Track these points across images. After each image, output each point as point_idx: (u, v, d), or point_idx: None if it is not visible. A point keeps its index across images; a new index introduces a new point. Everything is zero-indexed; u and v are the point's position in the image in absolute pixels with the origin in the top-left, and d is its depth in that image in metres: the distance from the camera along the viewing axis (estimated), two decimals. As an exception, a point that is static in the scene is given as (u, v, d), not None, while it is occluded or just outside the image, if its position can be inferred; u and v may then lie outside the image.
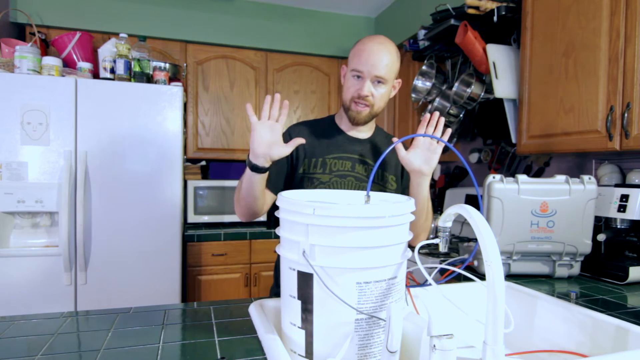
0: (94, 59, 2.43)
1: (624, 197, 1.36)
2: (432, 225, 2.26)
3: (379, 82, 1.12)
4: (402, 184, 1.28)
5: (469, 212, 0.63)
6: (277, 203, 0.80)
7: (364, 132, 1.26)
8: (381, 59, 1.10)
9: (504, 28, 1.82)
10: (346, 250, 0.68)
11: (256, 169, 1.03)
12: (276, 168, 1.17)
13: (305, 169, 1.19)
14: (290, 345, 0.76)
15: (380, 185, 1.23)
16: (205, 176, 2.93)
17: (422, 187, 1.14)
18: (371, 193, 0.96)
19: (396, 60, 1.14)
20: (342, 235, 0.68)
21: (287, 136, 1.19)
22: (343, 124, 1.25)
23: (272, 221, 2.77)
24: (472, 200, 2.25)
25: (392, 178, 1.26)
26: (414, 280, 1.13)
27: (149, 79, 2.28)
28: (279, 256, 1.31)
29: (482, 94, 1.97)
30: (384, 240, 0.69)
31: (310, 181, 1.18)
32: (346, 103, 1.18)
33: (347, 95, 1.17)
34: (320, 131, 1.23)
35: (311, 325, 0.71)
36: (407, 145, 1.18)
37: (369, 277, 0.69)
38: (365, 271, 0.68)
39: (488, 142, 2.34)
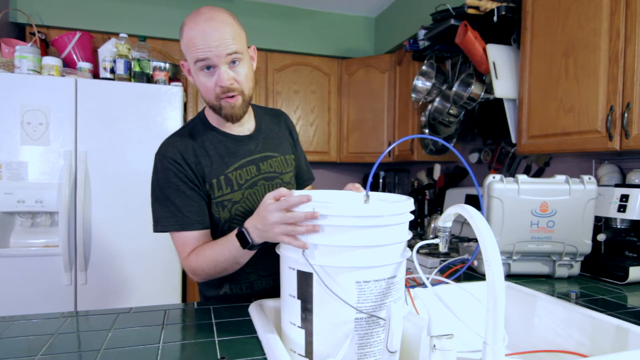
0: (94, 59, 2.43)
1: (624, 197, 1.36)
2: (432, 225, 2.26)
3: (233, 61, 0.93)
4: (296, 164, 1.19)
5: (469, 212, 0.63)
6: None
7: (248, 123, 1.09)
8: (222, 33, 0.90)
9: (504, 28, 1.82)
10: (346, 250, 0.68)
11: (256, 247, 0.87)
12: (198, 202, 0.99)
13: (211, 195, 1.00)
14: (290, 345, 0.76)
15: (289, 172, 1.13)
16: (205, 176, 2.93)
17: None
18: (370, 193, 0.96)
19: (238, 26, 0.96)
20: (341, 234, 0.68)
21: (180, 159, 0.98)
22: (221, 123, 1.05)
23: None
24: (472, 200, 2.25)
25: (292, 158, 1.16)
26: (414, 281, 1.13)
27: (149, 79, 2.28)
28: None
29: (482, 94, 1.97)
30: (384, 239, 0.69)
31: (221, 206, 1.01)
32: (212, 103, 0.97)
33: (208, 94, 0.96)
34: (206, 143, 1.02)
35: (311, 325, 0.71)
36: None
37: (368, 276, 0.69)
38: (365, 270, 0.68)
39: (488, 142, 2.34)
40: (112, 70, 2.22)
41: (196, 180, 0.99)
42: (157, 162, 1.00)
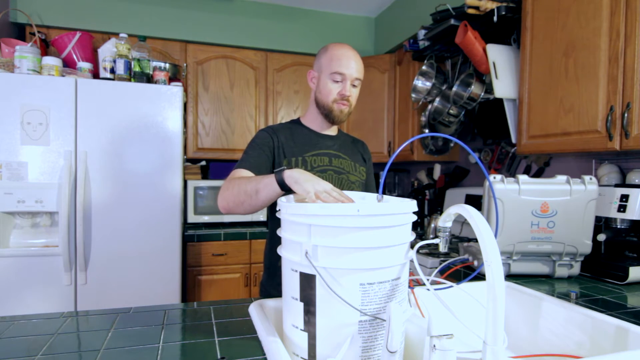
0: (94, 59, 2.43)
1: (624, 197, 1.36)
2: (432, 225, 2.26)
3: (354, 85, 1.27)
4: (367, 175, 1.41)
5: (469, 212, 0.63)
6: (279, 204, 0.79)
7: (332, 131, 1.38)
8: (358, 62, 1.26)
9: (504, 28, 1.82)
10: (349, 251, 0.68)
11: (288, 189, 1.00)
12: (262, 159, 1.25)
13: (287, 168, 1.24)
14: (293, 349, 0.75)
15: (356, 176, 1.34)
16: (205, 176, 2.93)
17: None
18: (367, 194, 0.96)
19: (363, 65, 1.30)
20: (345, 235, 0.68)
21: (272, 132, 1.29)
22: (314, 125, 1.35)
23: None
24: (472, 200, 2.25)
25: (363, 169, 1.38)
26: (415, 281, 1.13)
27: (149, 79, 2.28)
28: (267, 246, 1.34)
29: (482, 94, 1.97)
30: (388, 241, 0.69)
31: None
32: (328, 105, 1.28)
33: (328, 97, 1.27)
34: (294, 132, 1.33)
35: (314, 328, 0.70)
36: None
37: (372, 278, 0.68)
38: (369, 272, 0.68)
39: (488, 142, 2.34)
40: (112, 70, 2.22)
41: (274, 150, 1.27)
42: (257, 132, 1.32)
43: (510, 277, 1.31)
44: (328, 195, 0.88)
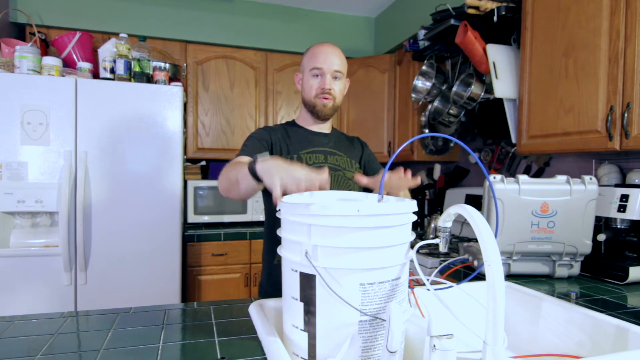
0: (94, 59, 2.43)
1: (624, 197, 1.36)
2: (432, 225, 2.26)
3: (336, 77, 1.28)
4: (369, 162, 1.42)
5: (469, 212, 0.63)
6: (279, 204, 0.79)
7: (327, 128, 1.39)
8: (336, 56, 1.29)
9: (504, 28, 1.82)
10: (349, 251, 0.68)
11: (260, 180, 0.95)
12: (261, 150, 1.25)
13: None
14: (293, 349, 0.75)
15: (352, 172, 1.34)
16: (205, 176, 2.93)
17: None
18: (366, 195, 0.96)
19: (344, 59, 1.32)
20: (345, 235, 0.68)
21: (269, 130, 1.31)
22: (306, 124, 1.37)
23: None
24: (472, 200, 2.25)
25: (357, 166, 1.39)
26: (415, 281, 1.12)
27: (149, 79, 2.28)
28: (265, 247, 1.35)
29: (482, 94, 1.97)
30: (388, 241, 0.69)
31: None
32: (311, 101, 1.30)
33: (310, 93, 1.29)
34: (289, 132, 1.35)
35: (314, 328, 0.70)
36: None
37: (372, 278, 0.68)
38: (369, 272, 0.68)
39: (488, 142, 2.34)
40: (112, 70, 2.22)
41: (272, 146, 1.28)
42: (255, 130, 1.34)
43: (510, 277, 1.31)
44: (297, 186, 0.83)
